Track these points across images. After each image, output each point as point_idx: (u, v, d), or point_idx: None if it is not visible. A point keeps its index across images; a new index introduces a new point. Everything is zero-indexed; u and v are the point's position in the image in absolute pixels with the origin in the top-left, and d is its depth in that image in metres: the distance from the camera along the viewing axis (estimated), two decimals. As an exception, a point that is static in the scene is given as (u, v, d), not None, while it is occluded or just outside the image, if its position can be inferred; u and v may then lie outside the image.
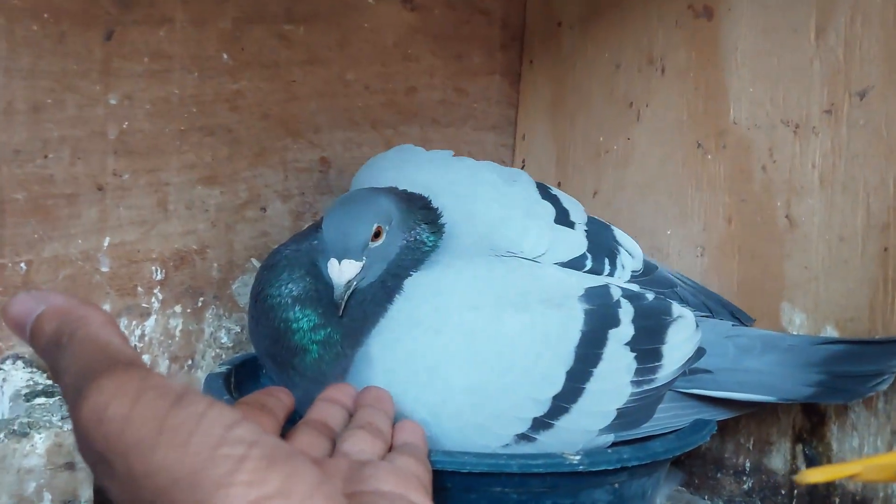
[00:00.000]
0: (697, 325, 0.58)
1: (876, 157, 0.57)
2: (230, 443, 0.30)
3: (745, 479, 0.65)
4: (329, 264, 0.54)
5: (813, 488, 0.61)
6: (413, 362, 0.53)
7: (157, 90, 0.66)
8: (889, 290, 0.57)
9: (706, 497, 0.67)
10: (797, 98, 0.61)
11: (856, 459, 0.42)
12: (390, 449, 0.47)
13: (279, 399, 0.46)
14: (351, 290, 0.54)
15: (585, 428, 0.54)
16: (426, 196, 0.59)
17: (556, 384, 0.54)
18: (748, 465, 0.65)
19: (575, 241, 0.60)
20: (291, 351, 0.55)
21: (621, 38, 0.73)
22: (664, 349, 0.56)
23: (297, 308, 0.55)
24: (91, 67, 0.64)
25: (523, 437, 0.53)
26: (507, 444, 0.53)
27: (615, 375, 0.55)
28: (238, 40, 0.69)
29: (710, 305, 0.63)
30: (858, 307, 0.58)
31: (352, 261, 0.54)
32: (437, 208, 0.58)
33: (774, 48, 0.62)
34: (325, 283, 0.55)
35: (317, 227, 0.58)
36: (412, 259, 0.56)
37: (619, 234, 0.63)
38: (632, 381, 0.55)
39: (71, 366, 0.33)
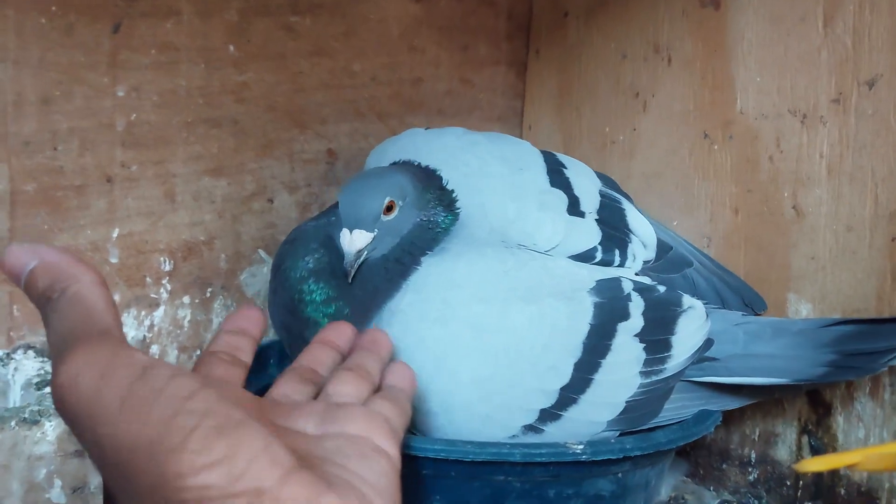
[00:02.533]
0: (707, 316, 0.58)
1: (884, 147, 0.57)
2: (184, 414, 0.33)
3: (750, 469, 0.65)
4: (342, 234, 0.56)
5: (818, 479, 0.61)
6: (421, 353, 0.53)
7: (165, 82, 0.67)
8: (896, 281, 0.57)
9: (711, 488, 0.67)
10: (804, 87, 0.61)
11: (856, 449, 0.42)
12: (378, 390, 0.47)
13: (246, 335, 0.46)
14: (361, 260, 0.55)
15: (593, 419, 0.54)
16: (442, 177, 0.59)
17: (564, 375, 0.54)
18: (754, 456, 0.65)
19: (586, 232, 0.60)
20: (303, 322, 0.56)
21: (627, 28, 0.73)
22: (673, 339, 0.56)
23: (311, 280, 0.56)
24: (99, 59, 0.64)
25: (531, 429, 0.53)
26: (515, 436, 0.53)
27: (624, 367, 0.55)
28: (244, 32, 0.69)
29: (721, 293, 0.62)
30: (866, 297, 0.58)
31: (363, 231, 0.55)
32: (453, 190, 0.59)
33: (781, 37, 0.62)
34: (339, 257, 0.56)
35: (337, 205, 0.59)
36: (426, 238, 0.57)
37: (633, 219, 0.62)
38: (640, 372, 0.55)
39: (56, 325, 0.36)
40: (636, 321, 0.56)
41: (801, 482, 0.62)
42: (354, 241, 0.55)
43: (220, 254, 0.70)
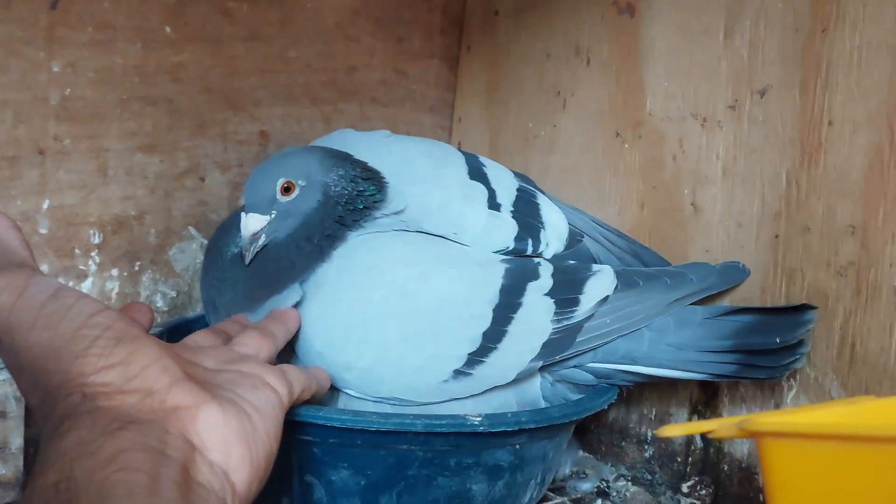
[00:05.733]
0: (616, 277, 0.61)
1: (772, 152, 0.62)
2: (89, 326, 0.39)
3: (646, 447, 0.70)
4: (241, 217, 0.59)
5: (705, 456, 0.66)
6: (350, 318, 0.57)
7: (101, 59, 0.68)
8: (778, 274, 0.61)
9: (611, 464, 0.72)
10: (706, 93, 0.65)
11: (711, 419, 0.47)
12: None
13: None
14: (260, 243, 0.58)
15: (516, 362, 0.58)
16: (366, 161, 0.61)
17: (485, 321, 0.58)
18: (649, 434, 0.70)
19: (505, 230, 0.63)
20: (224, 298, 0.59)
21: (552, 30, 0.77)
22: (581, 298, 0.60)
23: (236, 263, 0.59)
24: (36, 35, 0.65)
25: (460, 373, 0.57)
26: (447, 381, 0.57)
27: (536, 318, 0.59)
28: (181, 14, 0.71)
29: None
30: (752, 289, 0.63)
31: (256, 215, 0.58)
32: (378, 171, 0.61)
33: (687, 46, 0.66)
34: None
35: None
36: (345, 216, 0.58)
37: (546, 211, 0.65)
38: (552, 321, 0.59)
39: None
40: (546, 281, 0.60)
41: (689, 458, 0.67)
42: (248, 224, 0.58)
43: (150, 229, 0.72)
